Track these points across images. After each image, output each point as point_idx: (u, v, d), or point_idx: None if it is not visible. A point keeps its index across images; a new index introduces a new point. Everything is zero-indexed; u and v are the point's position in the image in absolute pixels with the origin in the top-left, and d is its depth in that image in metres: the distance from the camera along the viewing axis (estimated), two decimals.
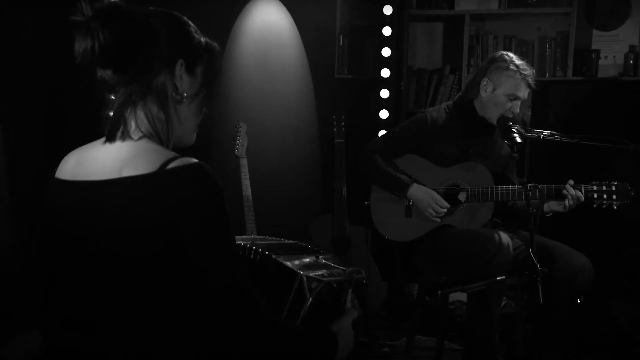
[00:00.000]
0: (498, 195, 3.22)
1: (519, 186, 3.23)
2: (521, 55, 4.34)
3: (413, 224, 3.34)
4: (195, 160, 1.42)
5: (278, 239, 2.08)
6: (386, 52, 4.34)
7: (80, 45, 1.44)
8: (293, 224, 4.27)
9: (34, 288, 1.62)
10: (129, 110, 1.50)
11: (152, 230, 1.38)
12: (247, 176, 3.85)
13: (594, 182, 3.11)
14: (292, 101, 4.67)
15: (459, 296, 4.17)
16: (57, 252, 1.52)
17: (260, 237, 2.12)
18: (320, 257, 1.88)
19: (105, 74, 1.50)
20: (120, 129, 1.49)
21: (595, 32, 4.53)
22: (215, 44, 1.63)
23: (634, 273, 3.91)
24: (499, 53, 3.34)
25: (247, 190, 3.82)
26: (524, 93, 3.25)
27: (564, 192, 3.08)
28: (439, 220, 3.28)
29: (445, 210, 3.27)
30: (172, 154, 1.44)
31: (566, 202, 3.08)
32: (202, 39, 1.60)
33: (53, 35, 4.19)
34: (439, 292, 2.67)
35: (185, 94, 1.54)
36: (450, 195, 3.31)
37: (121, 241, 1.41)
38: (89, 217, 1.45)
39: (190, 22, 1.60)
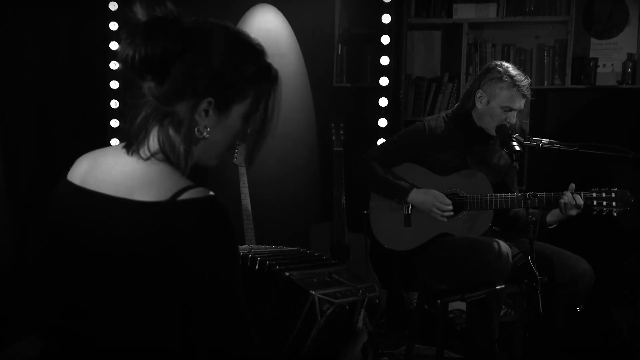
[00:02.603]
0: (497, 204, 3.21)
1: (518, 194, 3.23)
2: (519, 64, 4.39)
3: (412, 232, 3.34)
4: (208, 192, 1.38)
5: (276, 246, 2.02)
6: (384, 60, 4.34)
7: (123, 52, 1.42)
8: (292, 232, 4.27)
9: (33, 292, 1.61)
10: (152, 127, 1.46)
11: (155, 255, 1.36)
12: (246, 185, 3.84)
13: (593, 189, 3.11)
14: (290, 109, 4.67)
15: (459, 305, 4.17)
16: (57, 257, 1.52)
17: (257, 246, 2.08)
18: (333, 272, 1.78)
19: (145, 84, 1.45)
20: (140, 143, 1.46)
21: (593, 40, 4.54)
22: (275, 73, 1.55)
23: (635, 281, 3.91)
24: (493, 63, 3.33)
25: (245, 199, 3.82)
26: (519, 104, 3.24)
27: (561, 201, 3.08)
28: (445, 219, 3.27)
29: (450, 207, 3.25)
30: (186, 182, 1.40)
31: (561, 203, 3.07)
32: (257, 69, 1.51)
33: (48, 40, 4.22)
34: (439, 301, 2.66)
35: (207, 130, 1.46)
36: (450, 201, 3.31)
37: (123, 256, 1.39)
38: (93, 227, 1.44)
39: (252, 47, 1.51)
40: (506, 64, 3.28)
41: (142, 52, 1.40)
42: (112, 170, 1.47)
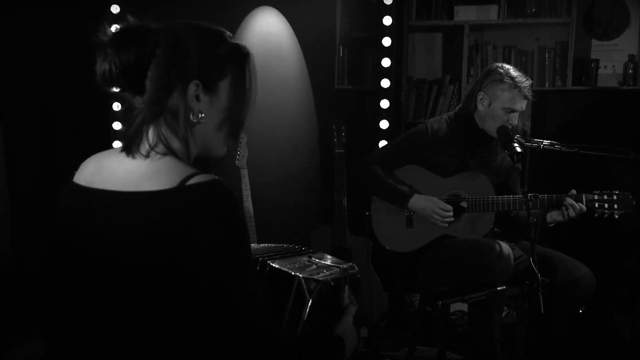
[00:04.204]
0: (499, 205, 3.21)
1: (520, 196, 3.23)
2: (520, 65, 4.39)
3: (414, 234, 3.34)
4: (214, 176, 1.42)
5: (264, 244, 2.09)
6: (386, 62, 4.35)
7: (100, 68, 1.48)
8: (294, 234, 4.26)
9: (36, 293, 1.62)
10: (146, 127, 1.51)
11: (165, 243, 1.37)
12: (248, 187, 3.85)
13: (595, 192, 3.11)
14: (292, 112, 4.68)
15: (460, 306, 4.17)
16: (67, 258, 1.52)
17: None
18: (313, 257, 1.90)
19: (125, 94, 1.52)
20: (138, 145, 1.50)
21: (594, 41, 4.54)
22: (248, 52, 1.59)
23: (635, 283, 3.90)
24: (494, 65, 3.33)
25: (247, 201, 3.83)
26: (520, 105, 3.24)
27: (564, 203, 3.08)
28: (446, 225, 3.27)
29: (451, 213, 3.26)
30: (192, 170, 1.44)
31: (563, 210, 3.08)
32: (232, 48, 1.56)
33: (49, 41, 4.23)
34: (439, 302, 2.66)
35: (202, 115, 1.52)
36: (451, 205, 3.31)
37: (133, 249, 1.40)
38: (102, 225, 1.45)
39: (217, 31, 1.57)
40: (507, 66, 3.28)
41: (117, 62, 1.46)
42: (118, 169, 1.50)
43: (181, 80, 1.49)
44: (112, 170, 1.50)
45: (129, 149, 1.50)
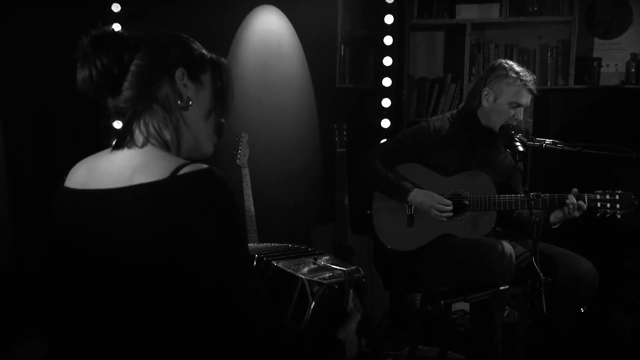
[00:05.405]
0: (500, 205, 3.20)
1: (522, 195, 3.22)
2: (522, 64, 4.37)
3: (415, 233, 3.33)
4: (205, 165, 1.43)
5: (266, 243, 2.09)
6: (387, 61, 4.34)
7: (80, 75, 1.51)
8: (295, 233, 4.25)
9: (36, 294, 1.62)
10: (136, 123, 1.53)
11: (164, 236, 1.37)
12: (249, 186, 3.84)
13: (597, 191, 3.10)
14: (293, 111, 4.67)
15: (462, 305, 4.16)
16: (66, 261, 1.52)
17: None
18: (318, 259, 1.89)
19: (114, 100, 1.55)
20: (128, 140, 1.52)
21: (596, 40, 4.54)
22: (222, 59, 1.65)
23: (637, 282, 3.89)
24: (498, 61, 3.33)
25: (248, 200, 3.81)
26: (526, 100, 3.24)
27: (566, 202, 3.07)
28: (445, 219, 3.26)
29: (450, 207, 3.25)
30: (183, 160, 1.45)
31: (564, 209, 3.07)
32: (205, 52, 1.62)
33: (48, 40, 4.22)
34: (442, 302, 2.65)
35: (191, 102, 1.55)
36: (452, 203, 3.29)
37: (132, 248, 1.40)
38: (99, 225, 1.45)
39: (190, 38, 1.63)
40: (511, 62, 3.29)
41: (98, 65, 1.49)
42: (110, 167, 1.50)
43: (168, 69, 1.53)
44: (104, 169, 1.51)
45: (121, 144, 1.52)
